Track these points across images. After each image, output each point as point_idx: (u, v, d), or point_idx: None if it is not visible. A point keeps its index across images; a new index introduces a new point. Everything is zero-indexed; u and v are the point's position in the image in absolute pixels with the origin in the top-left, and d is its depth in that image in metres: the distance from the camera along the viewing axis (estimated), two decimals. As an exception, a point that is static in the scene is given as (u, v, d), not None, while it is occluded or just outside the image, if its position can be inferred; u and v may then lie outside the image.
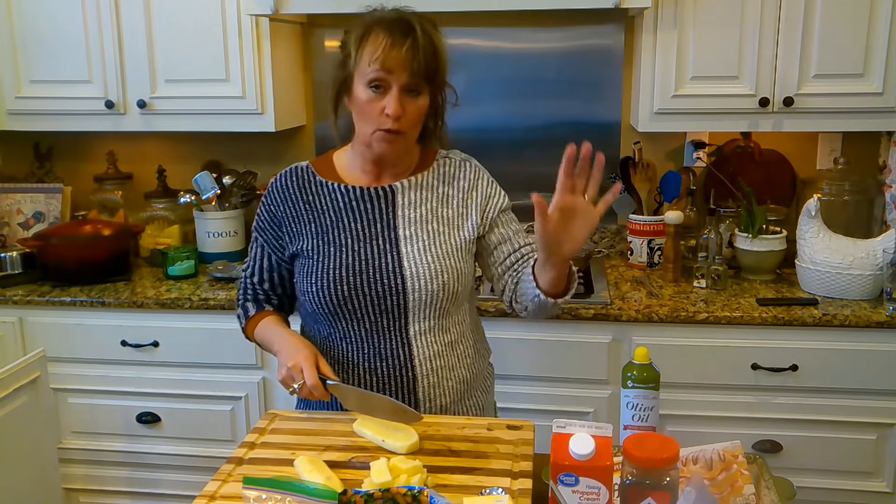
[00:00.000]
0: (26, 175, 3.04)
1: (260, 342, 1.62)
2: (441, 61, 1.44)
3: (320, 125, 2.91)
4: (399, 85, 1.41)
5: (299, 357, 1.43)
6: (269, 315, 1.62)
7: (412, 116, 1.45)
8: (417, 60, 1.39)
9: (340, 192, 1.55)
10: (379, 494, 1.10)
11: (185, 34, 2.54)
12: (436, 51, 1.42)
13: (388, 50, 1.39)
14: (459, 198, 1.57)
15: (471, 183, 1.58)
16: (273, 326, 1.58)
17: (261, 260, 1.62)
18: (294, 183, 1.58)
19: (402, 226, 1.53)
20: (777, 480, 1.31)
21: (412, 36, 1.40)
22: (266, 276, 1.62)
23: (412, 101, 1.44)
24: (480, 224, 1.57)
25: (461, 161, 1.61)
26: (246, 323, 1.64)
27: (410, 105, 1.44)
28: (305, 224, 1.56)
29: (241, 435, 2.45)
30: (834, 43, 2.30)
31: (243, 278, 1.66)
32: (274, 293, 1.64)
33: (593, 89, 2.76)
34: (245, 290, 1.66)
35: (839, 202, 2.52)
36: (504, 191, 1.63)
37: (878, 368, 2.18)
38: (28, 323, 2.49)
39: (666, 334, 2.23)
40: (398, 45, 1.39)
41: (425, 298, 1.49)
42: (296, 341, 1.49)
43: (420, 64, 1.40)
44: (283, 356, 1.46)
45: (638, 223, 2.65)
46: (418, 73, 1.41)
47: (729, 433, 2.09)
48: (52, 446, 2.06)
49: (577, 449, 1.10)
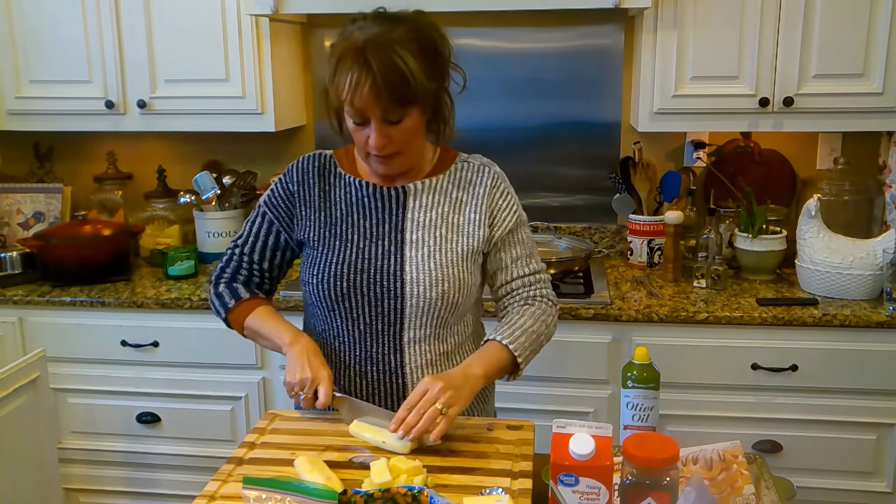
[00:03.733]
0: (26, 175, 3.04)
1: (255, 331, 1.54)
2: (413, 84, 1.35)
3: (320, 125, 2.91)
4: (376, 119, 1.38)
5: (321, 375, 1.41)
6: (264, 305, 1.57)
7: (399, 140, 1.42)
8: (383, 97, 1.34)
9: (355, 186, 1.53)
10: (379, 494, 1.10)
11: (185, 34, 2.54)
12: (402, 77, 1.33)
13: (353, 91, 1.35)
14: (473, 204, 1.53)
15: (486, 191, 1.53)
16: (279, 321, 1.53)
17: (266, 236, 1.57)
18: (315, 169, 1.56)
19: (409, 229, 1.50)
20: (777, 480, 1.31)
21: (370, 72, 1.32)
22: (268, 255, 1.58)
23: (396, 127, 1.39)
24: (487, 239, 1.53)
25: (479, 166, 1.56)
26: (235, 306, 1.55)
27: (395, 131, 1.40)
28: (316, 211, 1.54)
29: (241, 435, 2.45)
30: (834, 43, 2.30)
31: (235, 253, 1.59)
32: (270, 274, 1.60)
33: (593, 89, 2.76)
34: (237, 267, 1.58)
35: (839, 202, 2.52)
36: (519, 205, 1.58)
37: (878, 368, 2.18)
38: (28, 323, 2.49)
39: (666, 334, 2.23)
40: (360, 84, 1.34)
41: (423, 306, 1.47)
42: (321, 355, 1.46)
43: (385, 98, 1.34)
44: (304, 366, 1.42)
45: (638, 223, 2.65)
46: (389, 107, 1.36)
47: (729, 433, 2.09)
48: (52, 446, 2.06)
49: (577, 449, 1.10)
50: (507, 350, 1.47)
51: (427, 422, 1.30)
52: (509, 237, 1.55)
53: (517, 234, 1.56)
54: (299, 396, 1.41)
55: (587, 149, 2.80)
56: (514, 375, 1.53)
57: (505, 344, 1.47)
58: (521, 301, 1.56)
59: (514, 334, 1.48)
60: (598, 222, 2.85)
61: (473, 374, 1.41)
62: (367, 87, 1.34)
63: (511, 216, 1.55)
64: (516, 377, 1.53)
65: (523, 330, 1.50)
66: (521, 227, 1.57)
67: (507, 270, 1.56)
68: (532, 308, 1.54)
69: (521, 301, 1.56)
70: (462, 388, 1.37)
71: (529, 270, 1.57)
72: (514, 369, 1.51)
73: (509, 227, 1.54)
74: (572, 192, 2.85)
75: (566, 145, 2.81)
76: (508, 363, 1.48)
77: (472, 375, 1.41)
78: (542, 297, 1.57)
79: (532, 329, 1.51)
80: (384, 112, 1.37)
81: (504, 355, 1.47)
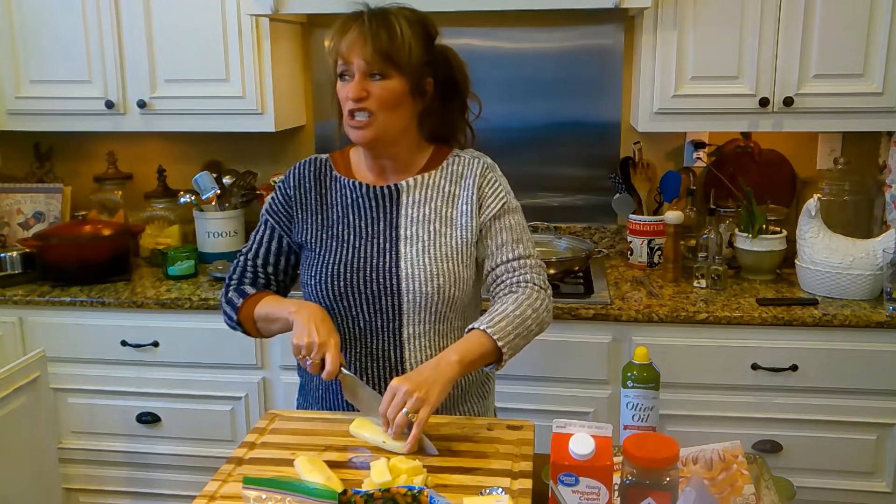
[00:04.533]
0: (26, 175, 3.04)
1: (264, 317, 1.51)
2: (400, 43, 1.42)
3: (320, 125, 2.91)
4: (359, 70, 1.43)
5: (330, 341, 1.38)
6: (270, 294, 1.57)
7: (378, 98, 1.43)
8: (369, 43, 1.40)
9: (349, 187, 1.55)
10: (379, 494, 1.10)
11: (184, 34, 2.54)
12: (391, 33, 1.42)
13: (341, 38, 1.43)
14: (464, 196, 1.53)
15: (475, 181, 1.53)
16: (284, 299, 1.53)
17: (269, 242, 1.60)
18: (311, 173, 1.58)
19: (403, 225, 1.52)
20: (777, 480, 1.31)
21: (361, 19, 1.43)
22: (272, 260, 1.60)
23: (377, 83, 1.43)
24: (477, 227, 1.53)
25: (470, 159, 1.57)
26: (243, 303, 1.54)
27: (375, 87, 1.43)
28: (313, 215, 1.56)
29: (241, 435, 2.45)
30: (834, 43, 2.30)
31: (241, 260, 1.62)
32: (276, 278, 1.61)
33: (593, 89, 2.76)
34: (243, 272, 1.61)
35: (839, 202, 2.52)
36: (509, 193, 1.57)
37: (878, 368, 2.18)
38: (28, 323, 2.49)
39: (666, 334, 2.23)
40: (349, 30, 1.43)
41: (420, 301, 1.48)
42: (329, 321, 1.43)
43: (370, 46, 1.40)
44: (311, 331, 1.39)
45: (638, 223, 2.65)
46: (373, 55, 1.41)
47: (729, 433, 2.09)
48: (52, 446, 2.06)
49: (577, 449, 1.10)
50: (487, 336, 1.41)
51: (398, 430, 1.30)
52: (495, 223, 1.53)
53: (503, 220, 1.53)
54: (306, 361, 1.39)
55: (587, 149, 2.80)
56: (500, 364, 1.46)
57: (484, 329, 1.41)
58: (506, 289, 1.52)
59: (493, 320, 1.43)
60: (598, 222, 2.85)
61: (448, 361, 1.36)
62: (357, 31, 1.42)
63: (496, 202, 1.53)
64: (502, 366, 1.46)
65: (504, 314, 1.44)
66: (509, 214, 1.54)
67: (493, 257, 1.53)
68: (515, 295, 1.49)
69: (505, 289, 1.52)
70: (433, 385, 1.33)
71: (514, 255, 1.52)
72: (499, 357, 1.44)
73: (493, 213, 1.53)
74: (572, 192, 2.85)
75: (566, 145, 2.81)
76: (490, 349, 1.41)
77: (445, 363, 1.36)
78: (527, 283, 1.51)
79: (515, 314, 1.45)
80: (367, 62, 1.42)
81: (484, 340, 1.41)
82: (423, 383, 1.32)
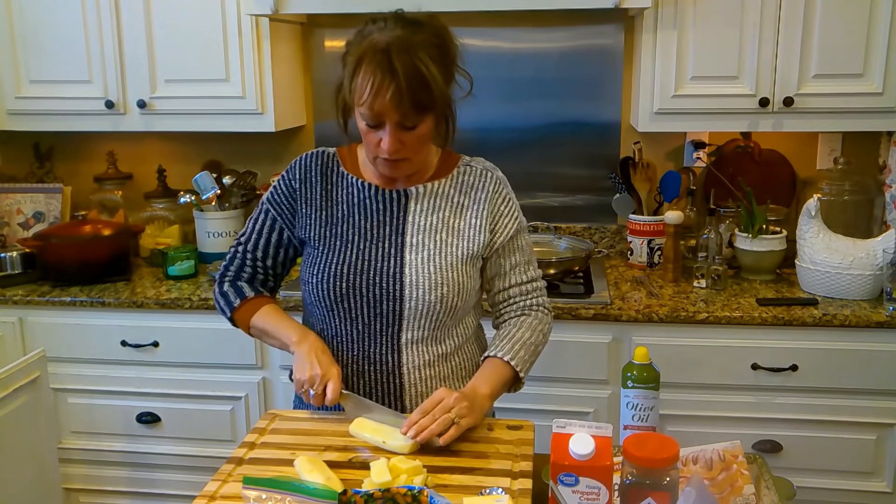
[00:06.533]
0: (26, 175, 3.04)
1: (261, 330, 1.55)
2: (435, 89, 1.35)
3: (320, 125, 2.91)
4: (392, 123, 1.37)
5: (331, 373, 1.43)
6: (269, 303, 1.58)
7: (412, 146, 1.42)
8: (404, 103, 1.33)
9: (357, 186, 1.53)
10: (379, 494, 1.10)
11: (184, 34, 2.54)
12: (425, 82, 1.33)
13: (374, 95, 1.33)
14: (475, 209, 1.53)
15: (488, 196, 1.53)
16: (286, 319, 1.54)
17: (269, 234, 1.58)
18: (318, 167, 1.56)
19: (410, 232, 1.50)
20: (777, 480, 1.31)
21: (395, 77, 1.31)
22: (272, 252, 1.59)
23: (410, 133, 1.39)
24: (488, 244, 1.54)
25: (482, 171, 1.56)
26: (240, 305, 1.56)
27: (408, 137, 1.40)
28: (318, 210, 1.54)
29: (241, 435, 2.45)
30: (834, 43, 2.30)
31: (239, 251, 1.60)
32: (274, 271, 1.61)
33: (593, 89, 2.76)
34: (241, 265, 1.60)
35: (839, 202, 2.52)
36: (520, 211, 1.58)
37: (878, 368, 2.18)
38: (28, 323, 2.49)
39: (666, 334, 2.23)
40: (383, 89, 1.32)
41: (421, 308, 1.48)
42: (329, 353, 1.48)
43: (406, 105, 1.33)
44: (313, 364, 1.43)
45: (638, 223, 2.65)
46: (408, 113, 1.35)
47: (729, 433, 2.09)
48: (52, 446, 2.06)
49: (577, 449, 1.10)
50: (508, 366, 1.50)
51: (440, 426, 1.33)
52: (510, 244, 1.56)
53: (517, 241, 1.57)
54: (309, 393, 1.42)
55: (587, 149, 2.80)
56: (515, 388, 1.56)
57: (507, 360, 1.50)
58: (518, 311, 1.59)
59: (514, 349, 1.52)
60: (598, 222, 2.85)
61: (481, 394, 1.44)
62: (391, 92, 1.33)
63: (512, 222, 1.56)
64: (517, 390, 1.57)
65: (522, 343, 1.54)
66: (521, 234, 1.59)
67: (506, 277, 1.58)
68: (529, 319, 1.58)
69: (517, 311, 1.59)
70: (474, 405, 1.40)
71: (527, 278, 1.58)
72: (515, 382, 1.54)
73: (510, 234, 1.55)
74: (572, 192, 2.85)
75: (566, 145, 2.81)
76: (510, 378, 1.52)
77: (480, 396, 1.44)
78: (539, 307, 1.60)
79: (531, 341, 1.55)
80: (402, 118, 1.37)
81: (506, 371, 1.51)
82: (469, 399, 1.40)
